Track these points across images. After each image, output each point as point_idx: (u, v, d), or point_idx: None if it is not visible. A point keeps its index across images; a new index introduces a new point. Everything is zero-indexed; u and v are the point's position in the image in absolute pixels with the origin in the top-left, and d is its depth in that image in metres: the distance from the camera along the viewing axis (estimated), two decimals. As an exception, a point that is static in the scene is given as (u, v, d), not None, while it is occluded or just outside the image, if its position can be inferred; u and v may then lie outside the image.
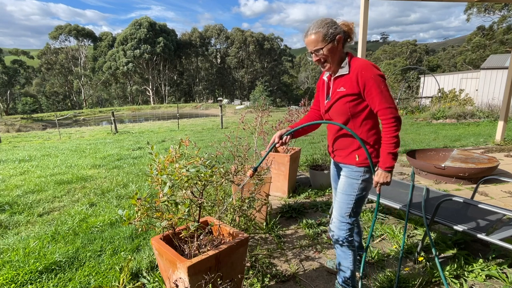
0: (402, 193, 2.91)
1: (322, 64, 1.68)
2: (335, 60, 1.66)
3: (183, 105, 40.79)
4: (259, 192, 2.67)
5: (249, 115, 3.67)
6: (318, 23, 1.61)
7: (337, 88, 1.68)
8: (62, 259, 2.39)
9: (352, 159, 1.71)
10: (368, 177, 1.72)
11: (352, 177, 1.73)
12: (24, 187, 4.28)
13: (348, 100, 1.63)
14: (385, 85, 1.56)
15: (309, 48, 1.66)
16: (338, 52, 1.65)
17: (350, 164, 1.73)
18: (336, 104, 1.68)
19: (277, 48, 53.76)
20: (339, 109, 1.68)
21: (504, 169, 4.67)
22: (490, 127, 9.09)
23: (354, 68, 1.60)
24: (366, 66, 1.58)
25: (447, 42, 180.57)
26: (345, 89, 1.63)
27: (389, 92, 1.57)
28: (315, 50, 1.63)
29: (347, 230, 1.76)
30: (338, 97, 1.66)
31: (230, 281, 1.66)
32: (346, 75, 1.64)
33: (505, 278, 2.08)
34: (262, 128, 3.46)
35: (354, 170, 1.72)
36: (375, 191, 1.72)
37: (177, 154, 1.73)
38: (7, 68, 43.14)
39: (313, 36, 1.60)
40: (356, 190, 1.72)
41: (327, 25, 1.59)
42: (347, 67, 1.64)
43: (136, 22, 44.99)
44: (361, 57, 5.17)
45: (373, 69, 1.57)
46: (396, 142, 1.58)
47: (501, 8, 35.83)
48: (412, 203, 2.59)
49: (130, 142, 8.82)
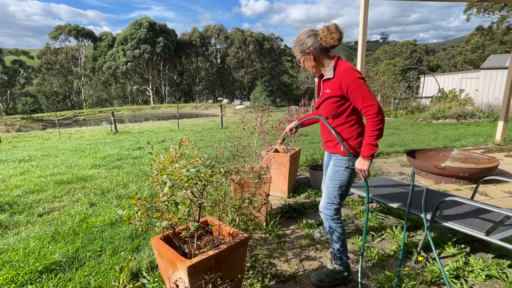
0: (402, 193, 2.91)
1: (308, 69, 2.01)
2: (317, 66, 1.95)
3: (183, 105, 40.78)
4: (259, 192, 2.67)
5: (249, 115, 3.67)
6: (294, 40, 1.96)
7: (325, 89, 1.95)
8: (62, 259, 2.39)
9: (338, 149, 2.00)
10: (351, 165, 1.98)
11: (338, 164, 2.01)
12: (24, 187, 4.28)
13: (332, 102, 1.90)
14: (365, 86, 1.80)
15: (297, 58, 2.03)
16: (316, 60, 1.93)
17: (336, 153, 2.02)
18: (324, 103, 1.96)
19: (277, 48, 53.76)
20: (325, 108, 1.96)
21: (504, 169, 4.67)
22: (490, 127, 9.09)
23: (338, 73, 1.85)
24: (347, 72, 1.82)
25: (447, 42, 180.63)
26: (330, 92, 1.89)
27: (369, 91, 1.80)
28: (298, 61, 2.01)
29: (333, 210, 2.05)
30: (324, 97, 1.94)
31: (230, 281, 1.66)
32: (331, 79, 1.89)
33: (505, 278, 2.08)
34: (262, 128, 3.46)
35: (339, 158, 2.00)
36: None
37: (177, 154, 1.73)
38: (7, 68, 43.14)
39: (294, 49, 1.98)
40: (341, 175, 2.00)
41: (299, 43, 1.92)
42: (332, 71, 1.88)
43: (136, 22, 44.99)
44: (361, 57, 5.19)
45: (353, 73, 1.81)
46: (378, 134, 1.79)
47: (501, 8, 35.85)
48: (412, 203, 2.59)
49: (130, 142, 8.82)
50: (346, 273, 2.10)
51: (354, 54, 57.61)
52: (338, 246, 2.08)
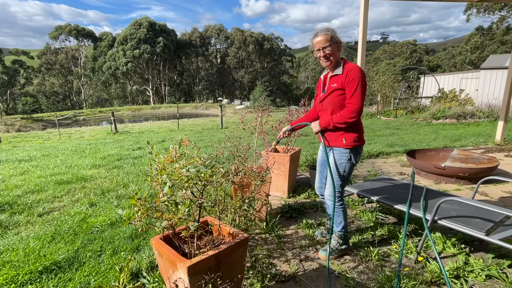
0: (402, 193, 2.91)
1: (327, 59, 2.12)
2: (335, 59, 2.13)
3: (183, 105, 40.77)
4: (259, 192, 2.67)
5: (249, 115, 3.67)
6: (327, 28, 2.11)
7: (331, 84, 2.16)
8: (62, 259, 2.39)
9: (340, 142, 2.19)
10: (352, 157, 2.20)
11: (340, 157, 2.22)
12: (24, 187, 4.28)
13: (339, 94, 2.11)
14: (362, 87, 2.03)
15: (318, 45, 2.10)
16: (338, 53, 2.13)
17: (338, 147, 2.21)
18: (330, 96, 2.17)
19: (277, 48, 53.75)
20: (331, 100, 2.17)
21: (504, 169, 4.67)
22: (490, 127, 9.09)
23: (346, 69, 2.09)
24: (355, 68, 2.06)
25: (447, 42, 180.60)
26: (337, 85, 2.11)
27: (362, 93, 2.03)
28: (323, 47, 2.08)
29: (337, 196, 2.30)
30: (331, 90, 2.15)
31: (230, 281, 1.66)
32: (340, 75, 2.11)
33: (505, 278, 2.08)
34: (262, 128, 3.46)
35: (342, 151, 2.21)
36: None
37: (177, 154, 1.73)
38: (7, 68, 43.10)
39: (323, 36, 2.07)
40: (344, 167, 2.23)
41: (334, 31, 2.10)
42: (341, 68, 2.11)
43: (136, 22, 44.97)
44: (361, 57, 5.20)
45: (359, 72, 2.05)
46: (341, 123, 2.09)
47: (501, 9, 35.83)
48: (412, 203, 2.59)
49: (130, 142, 8.81)
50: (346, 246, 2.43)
51: (354, 54, 57.56)
52: (342, 226, 2.36)
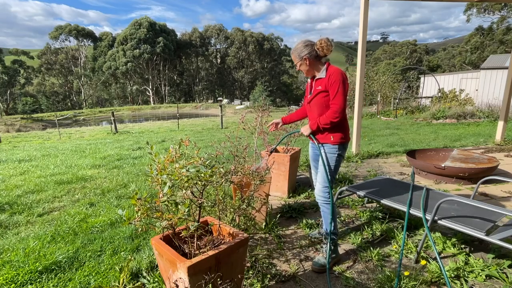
0: (402, 193, 2.91)
1: (303, 71, 2.36)
2: (311, 70, 2.32)
3: (183, 105, 40.76)
4: (259, 192, 2.67)
5: (249, 115, 3.67)
6: (294, 47, 2.34)
7: (316, 86, 2.30)
8: (62, 259, 2.39)
9: (328, 139, 2.31)
10: (340, 152, 2.31)
11: (330, 152, 2.32)
12: (24, 187, 4.28)
13: (324, 95, 2.26)
14: (343, 89, 2.17)
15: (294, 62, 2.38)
16: (310, 65, 2.30)
17: (327, 143, 2.32)
18: (316, 97, 2.31)
19: (277, 48, 53.73)
20: (317, 101, 2.31)
21: (504, 169, 4.67)
22: (490, 127, 9.09)
23: (329, 72, 2.22)
24: (336, 72, 2.20)
25: (447, 42, 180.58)
26: (321, 87, 2.25)
27: (343, 95, 2.17)
28: (295, 64, 2.37)
29: (327, 192, 2.35)
30: (317, 92, 2.29)
31: (230, 281, 1.66)
32: (323, 78, 2.25)
33: (505, 278, 2.08)
34: (262, 128, 3.46)
35: (330, 147, 2.31)
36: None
37: (177, 154, 1.73)
38: (7, 68, 43.10)
39: (292, 55, 2.35)
40: (334, 161, 2.32)
41: (297, 51, 2.30)
42: (325, 72, 2.25)
43: (136, 22, 44.95)
44: (361, 57, 5.20)
45: (340, 75, 2.19)
46: (327, 123, 2.20)
47: (501, 9, 35.83)
48: (412, 203, 2.59)
49: (130, 142, 8.81)
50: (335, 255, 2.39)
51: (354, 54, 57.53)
52: (332, 226, 2.36)
